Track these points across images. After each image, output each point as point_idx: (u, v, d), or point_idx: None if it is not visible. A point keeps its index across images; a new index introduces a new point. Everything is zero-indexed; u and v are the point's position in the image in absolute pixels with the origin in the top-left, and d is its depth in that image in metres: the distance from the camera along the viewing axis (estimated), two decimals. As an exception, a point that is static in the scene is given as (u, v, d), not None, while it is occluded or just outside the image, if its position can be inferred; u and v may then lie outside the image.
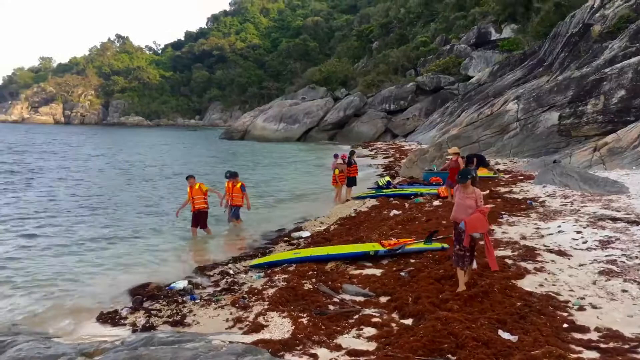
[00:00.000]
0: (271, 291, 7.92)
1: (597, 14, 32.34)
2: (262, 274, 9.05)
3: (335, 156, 19.06)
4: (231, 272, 9.46)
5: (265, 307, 7.21)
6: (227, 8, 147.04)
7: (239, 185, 13.50)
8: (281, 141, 55.65)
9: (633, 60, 24.12)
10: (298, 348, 5.82)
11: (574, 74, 29.54)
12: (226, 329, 6.69)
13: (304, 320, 6.63)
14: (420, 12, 72.74)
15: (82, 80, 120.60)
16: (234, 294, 8.10)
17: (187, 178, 12.92)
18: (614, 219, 11.13)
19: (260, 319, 6.76)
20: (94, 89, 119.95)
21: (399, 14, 75.36)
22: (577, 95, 25.80)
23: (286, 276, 8.65)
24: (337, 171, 17.96)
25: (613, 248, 9.00)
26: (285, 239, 12.20)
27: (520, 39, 45.75)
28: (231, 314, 7.20)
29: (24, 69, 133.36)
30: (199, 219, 12.55)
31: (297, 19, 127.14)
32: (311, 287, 7.98)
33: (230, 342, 5.85)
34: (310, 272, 8.78)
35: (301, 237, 11.98)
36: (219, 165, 30.75)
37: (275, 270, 9.21)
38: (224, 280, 9.00)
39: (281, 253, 10.49)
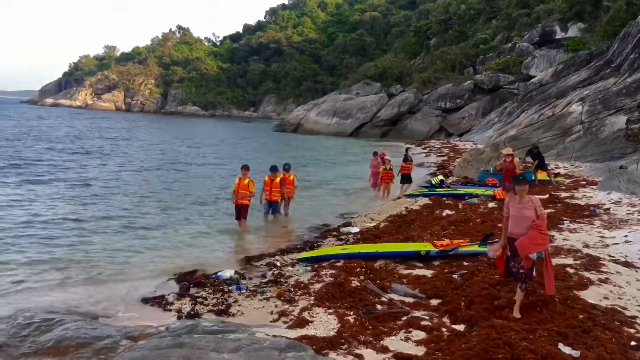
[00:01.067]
0: (318, 286, 7.74)
1: (674, 13, 30.46)
2: (309, 268, 8.89)
3: (375, 154, 18.71)
4: (278, 264, 9.35)
5: (311, 302, 7.04)
6: (286, 2, 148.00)
7: (278, 179, 13.27)
8: (333, 135, 55.52)
9: None
10: (343, 347, 5.61)
11: (645, 76, 27.98)
12: (270, 321, 6.56)
13: (350, 319, 6.42)
14: (481, 8, 70.87)
15: (143, 69, 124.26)
16: (279, 286, 7.97)
17: (242, 168, 12.64)
18: (687, 232, 10.35)
19: (305, 314, 6.60)
20: (154, 78, 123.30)
21: (459, 10, 73.62)
22: (648, 99, 24.40)
23: (333, 272, 8.45)
24: (381, 169, 17.66)
25: (684, 263, 8.34)
26: (334, 233, 12.00)
27: (587, 39, 43.77)
28: (276, 306, 7.07)
29: (89, 57, 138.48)
30: (242, 211, 12.43)
31: (355, 14, 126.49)
32: (359, 284, 7.75)
33: (273, 336, 5.71)
34: (358, 269, 8.54)
35: (350, 233, 11.75)
36: (273, 157, 30.90)
37: (323, 265, 9.03)
38: (271, 272, 8.89)
39: (329, 248, 10.31)
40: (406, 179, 18.34)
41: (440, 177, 18.23)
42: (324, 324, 6.30)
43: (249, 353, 5.11)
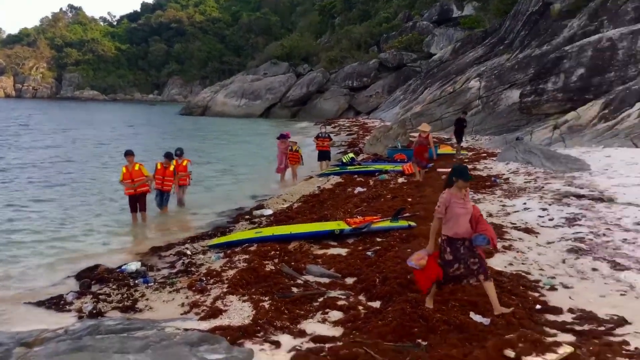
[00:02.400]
0: (231, 273, 7.46)
1: (558, -8, 32.46)
2: (221, 255, 8.57)
3: (281, 137, 17.56)
4: (188, 252, 8.95)
5: (225, 290, 6.77)
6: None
7: (172, 167, 12.35)
8: (242, 117, 54.61)
9: (593, 38, 24.30)
10: (259, 335, 5.42)
11: (535, 52, 29.72)
12: (181, 314, 6.23)
13: (266, 304, 6.23)
14: (383, -13, 72.00)
15: (33, 52, 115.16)
16: (190, 276, 7.61)
17: (126, 154, 11.63)
18: (579, 196, 11.08)
19: (219, 304, 6.32)
20: (46, 61, 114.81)
21: (361, -11, 74.35)
22: (537, 74, 25.89)
23: (247, 257, 8.20)
24: (294, 148, 17.04)
25: (580, 225, 8.91)
26: (247, 217, 11.71)
27: (482, 17, 45.81)
28: (187, 298, 6.73)
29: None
30: (140, 201, 11.57)
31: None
32: (274, 268, 7.57)
33: (185, 330, 5.41)
34: (272, 253, 8.35)
35: (263, 216, 11.52)
36: (178, 142, 29.82)
37: (236, 250, 8.75)
38: (180, 261, 8.49)
39: (242, 232, 10.02)
40: (324, 156, 18.27)
41: (351, 154, 18.37)
42: (239, 312, 6.06)
43: (157, 351, 4.78)
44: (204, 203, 13.69)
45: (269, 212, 11.79)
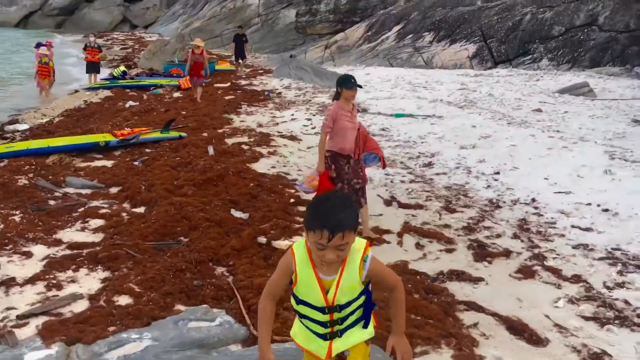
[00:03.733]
0: (-28, 190, 6.67)
1: None
2: (-40, 173, 7.55)
3: (38, 45, 15.57)
4: None
5: (-37, 207, 6.06)
6: None
7: None
8: (-7, 26, 46.78)
9: (360, -38, 25.87)
10: (7, 247, 5.04)
11: (311, -27, 30.67)
12: None
13: (17, 218, 5.77)
14: None
15: None
16: None
17: None
18: (339, 108, 12.16)
19: (-45, 221, 5.66)
20: None
21: None
22: (312, -6, 26.94)
23: (-5, 173, 7.38)
24: (44, 60, 14.85)
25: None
26: (-2, 132, 10.41)
27: None
28: None
29: None
30: None
31: None
32: (27, 182, 6.97)
33: None
34: (27, 167, 7.64)
35: (17, 131, 10.34)
36: None
37: (-19, 168, 7.79)
38: None
39: (-11, 147, 8.91)
40: (93, 67, 16.71)
41: (123, 68, 17.20)
42: (-20, 227, 5.52)
43: None
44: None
45: (24, 126, 10.60)
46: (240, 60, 19.78)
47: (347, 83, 5.28)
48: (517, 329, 3.89)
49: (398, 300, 2.37)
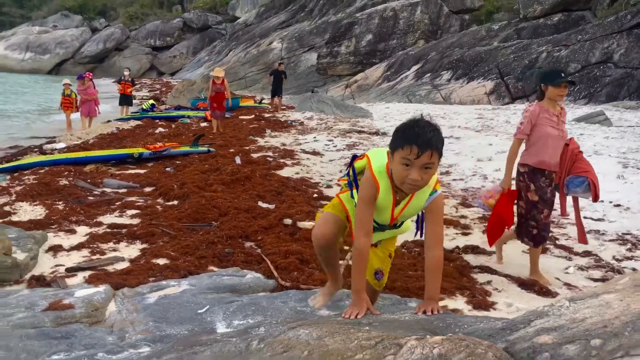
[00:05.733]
0: (19, 188, 7.17)
1: (352, -34, 35.09)
2: (7, 177, 8.09)
3: (80, 77, 15.55)
4: (-34, 176, 8.25)
5: (13, 199, 6.53)
6: None
7: None
8: (28, 73, 49.02)
9: (379, 7, 26.95)
10: (53, 227, 5.45)
11: (331, 19, 31.93)
12: (-39, 220, 5.89)
13: (60, 207, 6.21)
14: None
15: None
16: (-29, 194, 7.11)
17: None
18: (360, 132, 12.65)
19: (7, 208, 6.11)
20: None
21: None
22: (333, 37, 27.98)
23: (37, 176, 7.89)
24: (66, 92, 14.97)
25: (357, 148, 10.28)
26: (36, 150, 11.02)
27: (285, -16, 47.33)
28: (-33, 208, 6.35)
29: None
30: None
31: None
32: (67, 183, 7.46)
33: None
34: (66, 173, 8.16)
35: (55, 149, 10.95)
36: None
37: (25, 172, 8.33)
38: (-43, 183, 7.82)
39: (31, 157, 9.49)
40: (125, 100, 17.57)
41: (152, 101, 18.05)
42: (29, 213, 5.96)
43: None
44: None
45: (61, 145, 11.22)
46: (276, 98, 19.83)
47: (554, 78, 4.10)
48: (528, 284, 4.13)
49: (438, 260, 2.43)
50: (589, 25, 21.62)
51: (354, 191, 2.65)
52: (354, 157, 2.77)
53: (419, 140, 2.16)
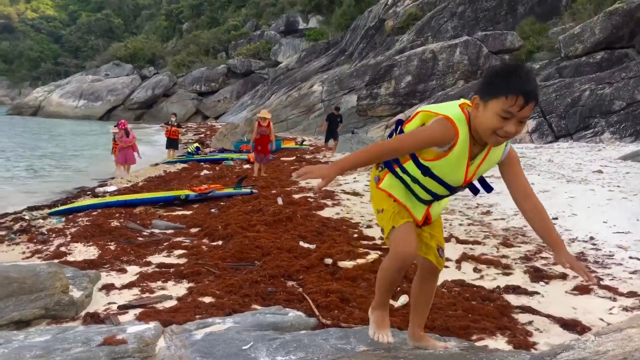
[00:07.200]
0: (74, 230, 7.56)
1: (390, 11, 35.88)
2: (63, 219, 8.54)
3: (118, 125, 15.74)
4: (27, 217, 8.74)
5: (68, 240, 6.90)
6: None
7: None
8: (81, 119, 51.50)
9: (418, 49, 27.32)
10: (105, 266, 5.74)
11: (371, 61, 32.51)
12: (23, 259, 6.27)
13: (112, 247, 6.53)
14: (231, -4, 72.89)
15: None
16: (30, 234, 7.55)
17: None
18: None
19: (63, 249, 6.47)
20: None
21: (210, -4, 74.53)
22: (372, 79, 28.42)
23: (91, 218, 8.31)
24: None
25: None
26: (89, 193, 11.58)
27: (325, 30, 48.69)
28: (28, 248, 6.75)
29: None
30: None
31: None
32: (118, 224, 7.82)
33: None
34: (117, 215, 8.55)
35: (107, 192, 11.47)
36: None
37: (79, 215, 8.77)
38: (19, 224, 8.30)
39: (84, 200, 9.98)
40: (172, 144, 18.32)
41: (196, 144, 18.70)
42: (84, 253, 6.29)
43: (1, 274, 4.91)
44: (40, 188, 13.15)
45: (112, 188, 11.76)
46: (330, 142, 19.09)
47: None
48: (570, 325, 4.09)
49: (540, 206, 2.28)
50: (633, 63, 21.32)
51: (396, 169, 2.41)
52: (400, 122, 2.55)
53: (526, 90, 1.98)
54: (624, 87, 21.28)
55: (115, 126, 16.27)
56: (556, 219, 7.86)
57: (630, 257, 5.96)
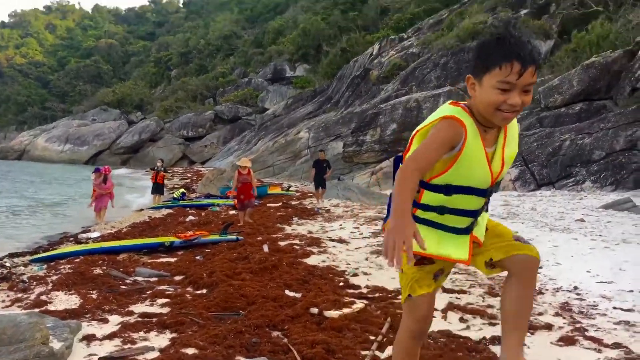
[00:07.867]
0: (55, 278, 7.44)
1: (375, 61, 36.83)
2: (45, 267, 8.41)
3: (96, 171, 15.77)
4: (7, 264, 8.59)
5: (49, 288, 6.78)
6: (6, 20, 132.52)
7: None
8: (67, 163, 51.34)
9: (403, 98, 27.91)
10: (87, 316, 5.63)
11: (356, 109, 33.08)
12: (2, 307, 6.13)
13: (94, 296, 6.42)
14: (219, 45, 74.32)
15: None
16: (10, 282, 7.40)
17: None
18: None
19: (44, 297, 6.35)
20: None
21: (198, 45, 75.97)
22: (358, 127, 28.87)
23: (73, 265, 8.18)
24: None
25: (382, 236, 10.38)
26: (71, 239, 11.45)
27: (312, 78, 49.65)
28: (8, 296, 6.60)
29: None
30: None
31: (89, 40, 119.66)
32: (101, 272, 7.71)
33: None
34: (100, 262, 8.44)
35: (90, 238, 11.36)
36: None
37: (61, 262, 8.64)
38: (0, 271, 8.16)
39: (67, 247, 9.85)
40: (158, 189, 18.28)
41: (182, 190, 18.68)
42: (65, 302, 6.17)
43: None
44: (22, 233, 12.98)
45: (96, 234, 11.64)
46: (319, 190, 18.20)
47: None
48: (557, 377, 4.08)
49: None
50: (611, 114, 21.94)
51: (416, 213, 2.21)
52: (398, 158, 2.37)
53: (519, 54, 1.74)
54: (603, 137, 21.81)
55: (93, 172, 15.91)
56: (541, 267, 7.90)
57: (614, 308, 5.99)
